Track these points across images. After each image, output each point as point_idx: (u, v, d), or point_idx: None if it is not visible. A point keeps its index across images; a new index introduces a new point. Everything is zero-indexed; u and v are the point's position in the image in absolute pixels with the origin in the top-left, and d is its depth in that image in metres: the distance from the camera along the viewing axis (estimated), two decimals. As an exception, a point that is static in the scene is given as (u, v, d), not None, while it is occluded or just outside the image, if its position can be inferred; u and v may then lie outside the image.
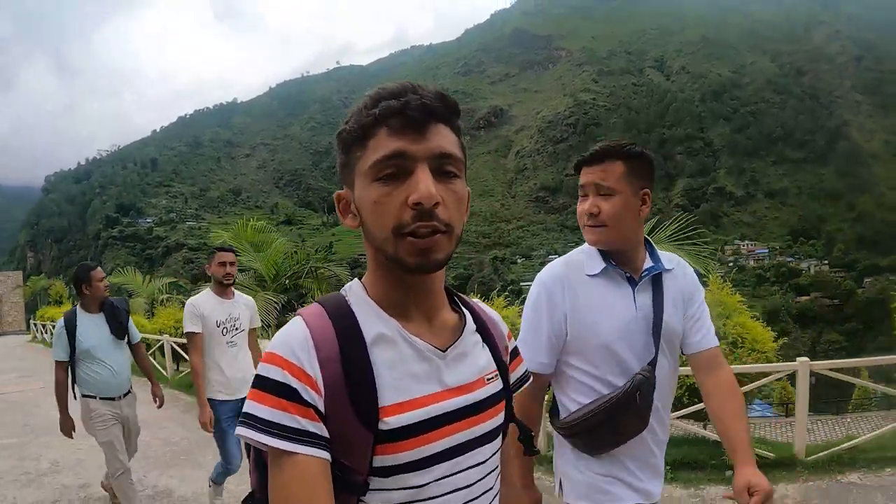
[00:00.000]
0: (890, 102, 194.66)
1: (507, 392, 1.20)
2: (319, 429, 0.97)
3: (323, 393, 0.99)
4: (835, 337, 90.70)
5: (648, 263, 2.02)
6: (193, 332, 4.64)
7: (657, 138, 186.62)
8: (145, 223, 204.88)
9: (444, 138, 1.02)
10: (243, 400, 2.44)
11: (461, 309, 1.20)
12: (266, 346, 1.11)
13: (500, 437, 1.17)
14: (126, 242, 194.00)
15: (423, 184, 0.98)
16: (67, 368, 4.61)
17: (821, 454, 5.63)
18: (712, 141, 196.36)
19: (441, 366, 1.08)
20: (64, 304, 25.89)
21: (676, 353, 2.07)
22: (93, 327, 4.65)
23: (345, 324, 1.06)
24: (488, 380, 1.15)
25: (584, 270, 1.98)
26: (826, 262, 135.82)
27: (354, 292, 1.12)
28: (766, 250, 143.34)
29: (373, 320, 1.07)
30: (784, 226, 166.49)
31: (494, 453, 1.16)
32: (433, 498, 1.05)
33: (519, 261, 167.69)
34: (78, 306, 4.77)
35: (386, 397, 1.01)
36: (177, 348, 12.30)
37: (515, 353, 1.34)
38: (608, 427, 1.87)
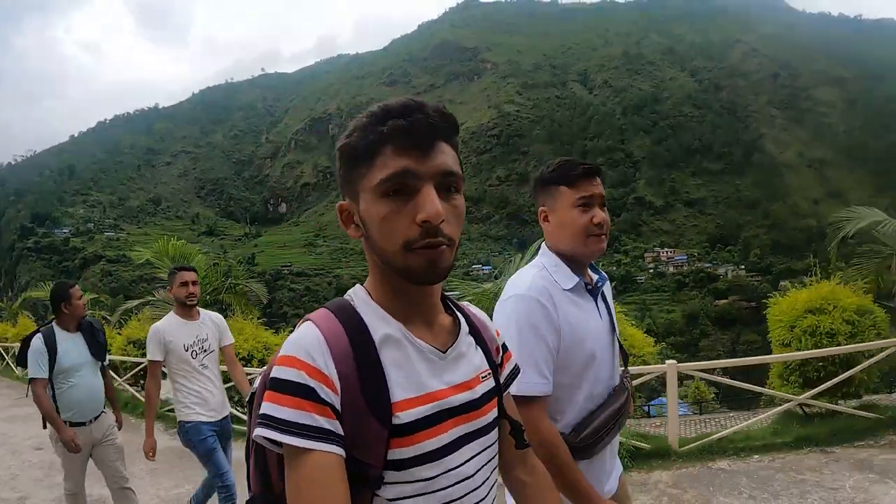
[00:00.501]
0: (803, 116, 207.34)
1: (498, 389, 1.29)
2: (335, 426, 1.02)
3: (339, 391, 1.04)
4: (753, 337, 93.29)
5: (594, 276, 2.14)
6: (155, 361, 4.57)
7: (579, 150, 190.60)
8: (62, 234, 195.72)
9: (447, 156, 1.08)
10: (226, 419, 3.66)
11: (455, 313, 1.28)
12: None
13: (496, 431, 1.27)
14: (41, 254, 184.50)
15: (431, 203, 1.04)
16: (47, 386, 4.43)
17: (693, 445, 6.37)
18: (633, 153, 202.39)
19: (441, 366, 1.16)
20: None
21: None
22: (73, 347, 4.59)
23: (354, 326, 1.11)
24: (482, 378, 1.24)
25: (559, 285, 2.01)
26: (743, 267, 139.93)
27: (359, 297, 1.18)
28: (685, 257, 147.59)
29: (379, 323, 1.13)
30: (702, 233, 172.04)
31: (490, 446, 1.24)
32: (441, 489, 1.11)
33: None
34: (54, 324, 4.65)
35: (396, 394, 1.07)
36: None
37: (504, 348, 1.41)
38: (611, 430, 1.96)
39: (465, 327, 1.27)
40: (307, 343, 1.07)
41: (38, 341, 4.45)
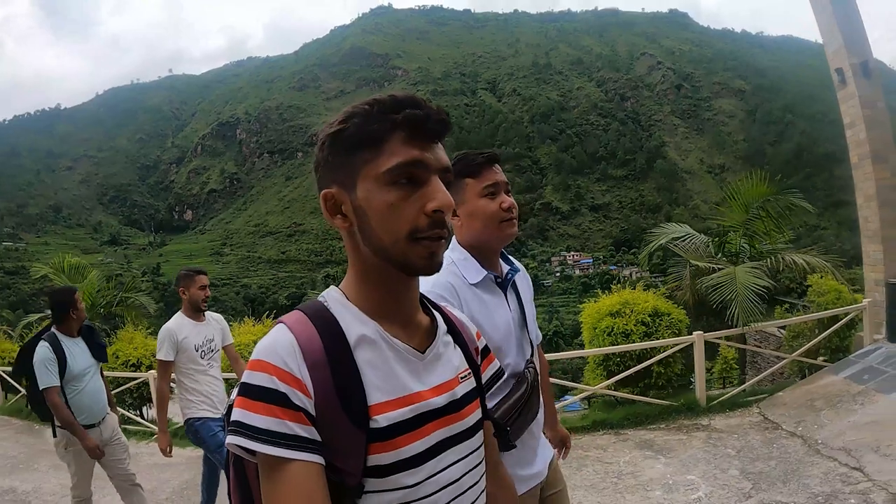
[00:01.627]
0: (704, 125, 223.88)
1: (480, 390, 1.28)
2: (311, 433, 0.99)
3: (313, 396, 1.01)
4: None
5: (506, 267, 2.16)
6: (167, 361, 4.69)
7: None
8: None
9: (444, 153, 1.09)
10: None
11: (432, 312, 1.26)
12: None
13: (480, 433, 1.24)
14: None
15: (443, 193, 1.05)
16: (59, 393, 4.41)
17: (720, 399, 7.74)
18: (540, 159, 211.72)
19: (420, 366, 1.14)
20: None
21: (536, 344, 2.26)
22: (78, 351, 4.62)
23: (328, 327, 1.08)
24: (462, 378, 1.21)
25: (466, 279, 2.03)
26: (647, 269, 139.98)
27: (333, 298, 1.15)
28: (591, 260, 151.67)
29: (354, 323, 1.10)
30: (607, 237, 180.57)
31: (475, 449, 1.21)
32: (425, 497, 1.08)
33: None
34: (55, 330, 4.64)
35: (373, 396, 1.05)
36: (6, 377, 12.12)
37: (486, 352, 1.40)
38: (521, 422, 1.96)
39: (442, 326, 1.25)
40: (279, 347, 1.04)
41: (44, 349, 4.35)
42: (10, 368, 11.44)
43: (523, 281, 2.24)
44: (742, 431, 6.46)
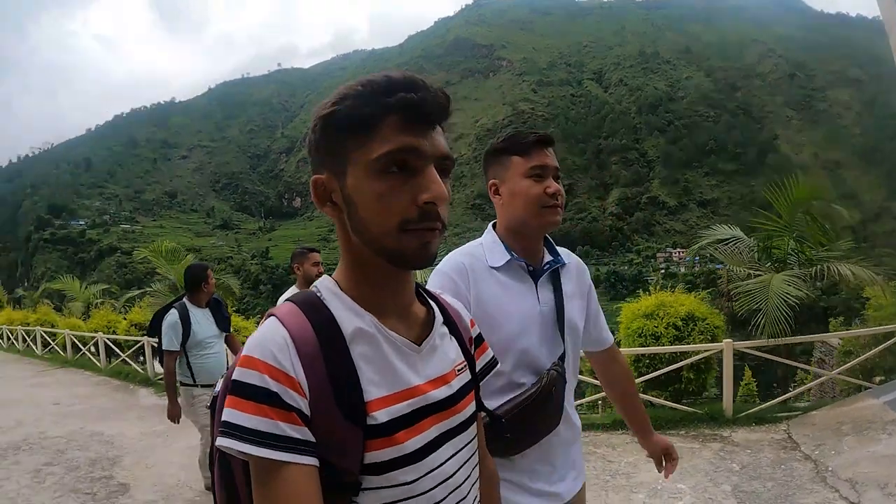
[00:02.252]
0: (819, 117, 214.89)
1: (475, 381, 1.26)
2: (304, 433, 0.97)
3: (307, 394, 0.98)
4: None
5: (548, 257, 2.04)
6: None
7: (593, 148, 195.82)
8: (78, 225, 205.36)
9: (444, 139, 1.05)
10: None
11: (429, 302, 1.23)
12: None
13: (474, 425, 1.23)
14: (58, 245, 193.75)
15: (437, 183, 1.00)
16: (177, 358, 5.09)
17: (748, 412, 7.43)
18: (647, 152, 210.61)
19: (416, 359, 1.11)
20: (3, 308, 27.57)
21: (578, 347, 2.10)
22: (204, 320, 5.21)
23: (322, 321, 1.04)
24: (458, 370, 1.19)
25: (486, 262, 1.96)
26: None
27: (326, 288, 1.11)
28: (697, 258, 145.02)
29: (349, 316, 1.06)
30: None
31: (470, 441, 1.20)
32: (423, 493, 1.07)
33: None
34: (186, 301, 5.25)
35: (370, 392, 1.02)
36: (110, 344, 14.91)
37: (479, 340, 1.37)
38: (527, 425, 1.84)
39: (439, 317, 1.22)
40: (270, 342, 1.00)
41: (173, 316, 5.00)
42: (114, 336, 14.81)
43: (572, 275, 2.11)
44: (757, 448, 6.28)
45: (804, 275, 8.73)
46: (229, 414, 0.96)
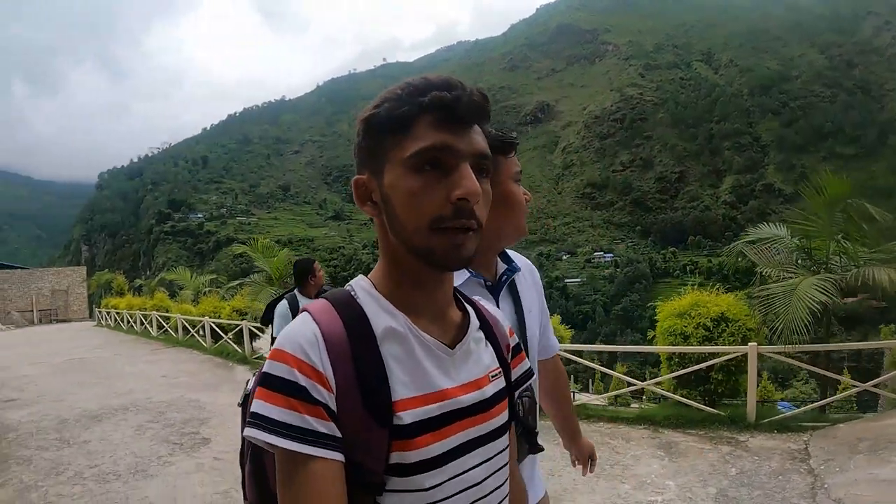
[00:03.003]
0: None
1: (510, 390, 1.26)
2: (330, 428, 0.99)
3: (334, 390, 1.00)
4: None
5: (501, 266, 1.86)
6: None
7: (705, 133, 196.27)
8: (196, 218, 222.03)
9: (482, 138, 1.06)
10: None
11: (465, 307, 1.24)
12: None
13: (507, 434, 1.22)
14: (177, 237, 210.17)
15: (470, 180, 1.01)
16: None
17: (771, 418, 7.37)
18: (760, 136, 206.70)
19: (449, 363, 1.11)
20: (125, 295, 31.59)
21: (535, 361, 1.98)
22: None
23: (354, 319, 1.07)
24: (492, 377, 1.19)
25: None
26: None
27: (361, 287, 1.14)
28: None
29: (382, 315, 1.09)
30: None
31: (501, 451, 1.19)
32: (447, 498, 1.06)
33: (564, 257, 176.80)
34: (297, 292, 5.49)
35: (398, 392, 1.03)
36: (214, 327, 17.24)
37: (517, 350, 1.38)
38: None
39: (475, 322, 1.22)
40: (301, 337, 1.03)
41: (283, 307, 5.18)
42: (219, 320, 16.88)
43: (526, 282, 1.96)
44: (767, 455, 6.27)
45: (840, 279, 8.33)
46: (258, 405, 0.99)
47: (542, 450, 1.39)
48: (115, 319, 28.32)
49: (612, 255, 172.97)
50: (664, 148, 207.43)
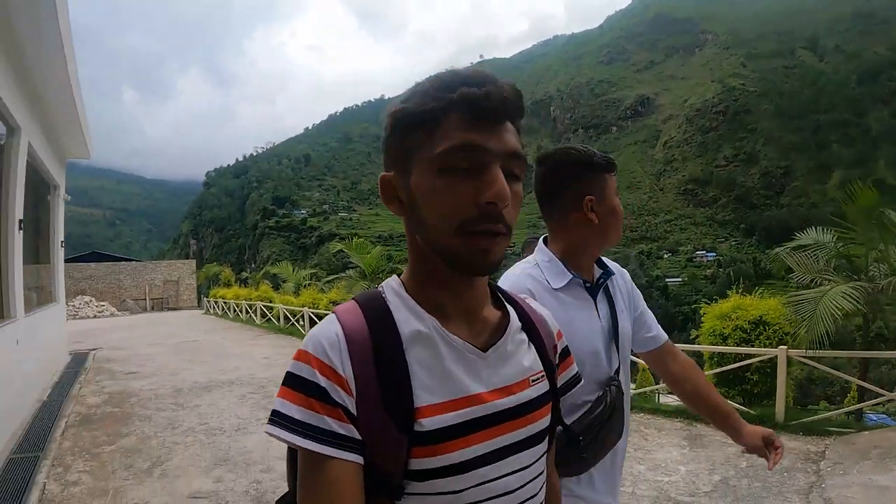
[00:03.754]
0: None
1: (554, 394, 1.22)
2: (349, 430, 0.98)
3: (354, 393, 0.99)
4: None
5: (598, 271, 2.09)
6: None
7: (811, 125, 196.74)
8: (300, 214, 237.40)
9: (514, 137, 1.03)
10: None
11: (505, 306, 1.21)
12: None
13: (546, 441, 1.19)
14: (282, 232, 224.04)
15: (499, 183, 0.99)
16: None
17: (799, 420, 7.61)
18: (870, 127, 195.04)
19: (481, 366, 1.08)
20: (232, 286, 33.93)
21: (628, 358, 2.15)
22: None
23: (380, 321, 1.05)
24: (533, 381, 1.15)
25: (548, 284, 1.98)
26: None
27: (392, 288, 1.12)
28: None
29: (410, 318, 1.07)
30: None
31: (538, 458, 1.16)
32: (473, 503, 1.04)
33: (665, 256, 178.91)
34: None
35: (422, 398, 1.01)
36: (313, 317, 18.57)
37: (566, 353, 1.35)
38: (598, 442, 1.83)
39: (515, 323, 1.18)
40: (324, 338, 1.02)
41: None
42: (317, 311, 18.44)
43: (619, 286, 2.16)
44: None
45: (872, 287, 8.48)
46: (280, 403, 1.00)
47: (584, 458, 1.42)
48: (223, 308, 30.42)
49: (714, 254, 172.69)
50: (769, 141, 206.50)
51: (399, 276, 1.16)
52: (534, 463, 1.14)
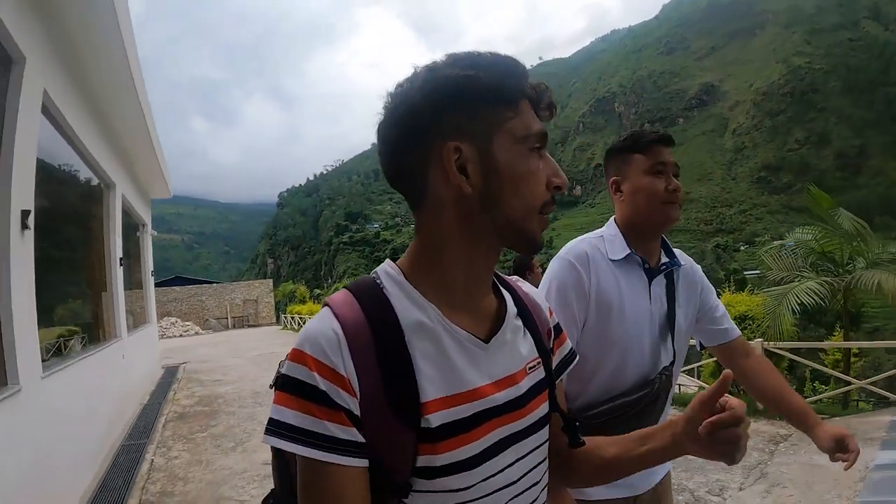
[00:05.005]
0: None
1: (549, 380, 1.23)
2: (351, 434, 0.97)
3: (357, 393, 0.97)
4: None
5: (664, 258, 2.20)
6: None
7: (882, 98, 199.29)
8: (373, 228, 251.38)
9: None
10: None
11: (501, 292, 1.22)
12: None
13: (546, 428, 1.20)
14: (356, 247, 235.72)
15: (560, 170, 1.07)
16: None
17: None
18: None
19: (483, 357, 1.08)
20: (307, 302, 37.54)
21: (684, 354, 2.25)
22: None
23: (379, 312, 1.03)
24: (530, 369, 1.17)
25: (606, 254, 2.10)
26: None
27: (389, 275, 1.10)
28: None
29: (410, 307, 1.05)
30: None
31: (539, 446, 1.17)
32: (479, 498, 1.05)
33: (742, 248, 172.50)
34: None
35: (427, 393, 1.00)
36: None
37: (558, 330, 1.35)
38: (627, 427, 1.63)
39: (511, 309, 1.19)
40: (321, 336, 0.99)
41: None
42: None
43: (686, 279, 2.23)
44: (754, 434, 6.89)
45: (837, 282, 9.00)
46: (276, 410, 0.98)
47: (583, 444, 1.32)
48: (299, 323, 32.55)
49: (792, 243, 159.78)
50: (840, 120, 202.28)
51: (395, 261, 1.14)
52: (532, 452, 1.15)
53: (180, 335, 37.07)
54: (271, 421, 0.98)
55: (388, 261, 1.13)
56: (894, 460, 5.70)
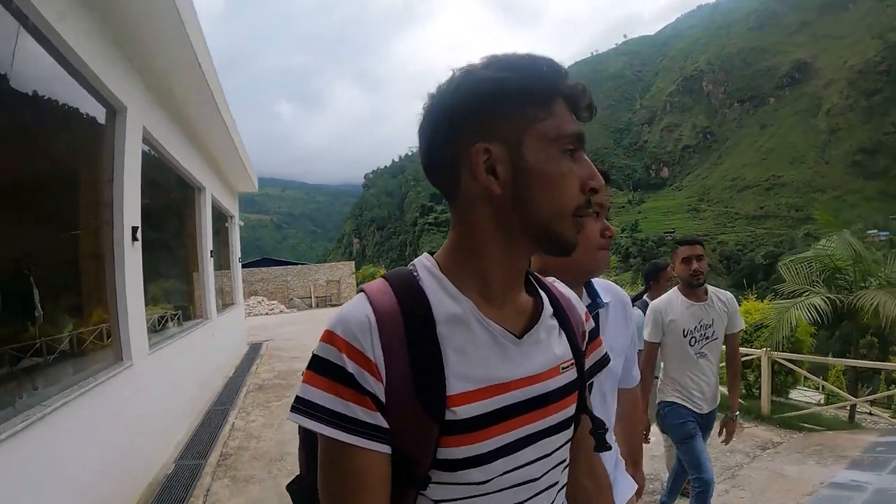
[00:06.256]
0: None
1: (581, 381, 1.21)
2: (376, 419, 0.97)
3: (384, 379, 0.98)
4: None
5: (586, 300, 2.02)
6: (652, 342, 4.47)
7: None
8: None
9: None
10: (712, 412, 4.17)
11: (538, 292, 1.22)
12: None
13: (571, 428, 1.20)
14: (441, 228, 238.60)
15: (597, 172, 1.06)
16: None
17: (781, 415, 8.37)
18: None
19: (516, 353, 1.08)
20: None
21: (615, 392, 2.11)
22: None
23: (413, 302, 1.03)
24: (563, 369, 1.15)
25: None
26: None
27: (426, 268, 1.11)
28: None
29: (445, 299, 1.05)
30: None
31: (562, 446, 1.17)
32: (498, 491, 1.05)
33: (834, 237, 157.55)
34: (646, 297, 5.63)
35: (454, 385, 0.99)
36: None
37: (593, 335, 1.33)
38: None
39: (548, 309, 1.19)
40: (353, 320, 1.00)
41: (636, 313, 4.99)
42: None
43: (613, 316, 2.09)
44: (749, 438, 7.28)
45: (835, 299, 8.83)
46: (304, 389, 0.99)
47: (608, 448, 1.31)
48: None
49: (887, 233, 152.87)
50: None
51: (432, 254, 1.15)
52: (557, 450, 1.15)
53: (266, 313, 37.80)
54: (298, 399, 0.99)
55: (425, 254, 1.14)
56: (850, 480, 5.81)
